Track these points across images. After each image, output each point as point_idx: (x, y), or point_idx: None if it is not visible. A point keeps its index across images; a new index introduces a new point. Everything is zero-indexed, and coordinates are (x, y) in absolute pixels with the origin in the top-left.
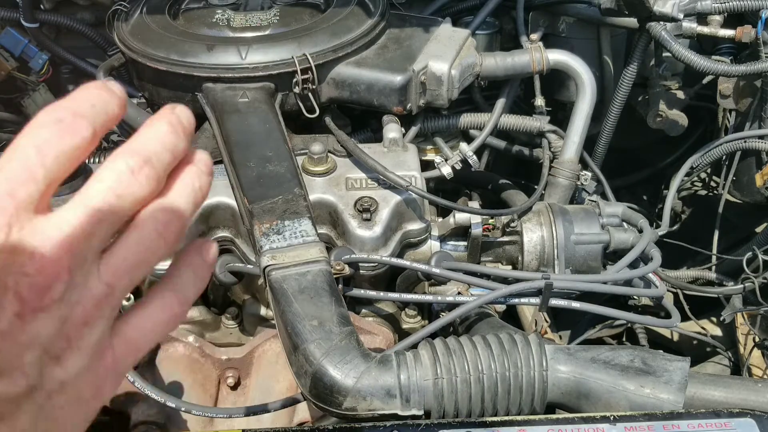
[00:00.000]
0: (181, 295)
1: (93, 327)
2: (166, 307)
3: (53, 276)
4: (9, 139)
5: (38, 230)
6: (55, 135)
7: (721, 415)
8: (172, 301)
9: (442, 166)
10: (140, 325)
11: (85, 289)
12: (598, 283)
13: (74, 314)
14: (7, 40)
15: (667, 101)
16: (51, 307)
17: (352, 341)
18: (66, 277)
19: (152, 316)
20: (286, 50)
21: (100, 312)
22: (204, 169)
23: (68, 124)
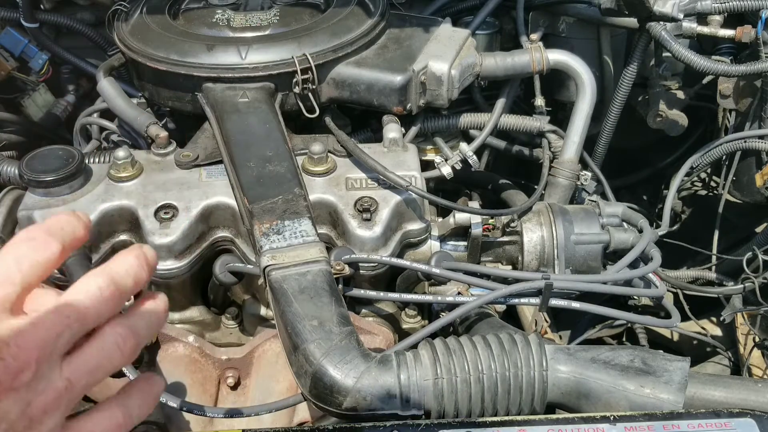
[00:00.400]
0: (127, 413)
1: (51, 415)
2: (113, 419)
3: (24, 363)
4: (9, 139)
5: (14, 325)
6: (30, 249)
7: (721, 415)
8: (118, 414)
9: (442, 166)
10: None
11: (49, 381)
12: (598, 283)
13: (37, 400)
14: (7, 40)
15: (667, 101)
16: (20, 389)
17: (352, 341)
18: (34, 367)
19: (100, 423)
20: (286, 50)
21: (58, 403)
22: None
23: (41, 242)
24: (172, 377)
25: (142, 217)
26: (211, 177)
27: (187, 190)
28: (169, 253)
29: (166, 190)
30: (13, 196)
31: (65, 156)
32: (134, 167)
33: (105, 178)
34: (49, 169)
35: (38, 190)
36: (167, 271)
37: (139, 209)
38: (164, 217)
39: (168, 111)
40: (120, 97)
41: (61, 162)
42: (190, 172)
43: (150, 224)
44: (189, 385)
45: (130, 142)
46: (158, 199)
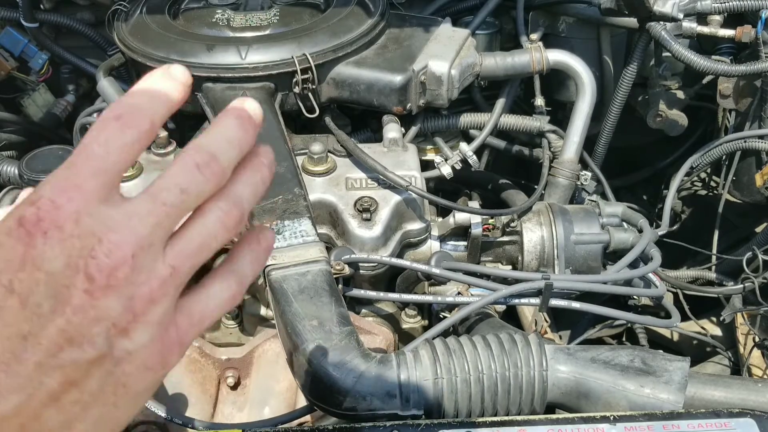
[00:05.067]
0: (240, 277)
1: (158, 304)
2: (226, 287)
3: (119, 259)
4: (9, 139)
5: (106, 218)
6: (116, 131)
7: (721, 415)
8: (231, 281)
9: (442, 166)
10: (203, 303)
11: (152, 271)
12: (598, 283)
13: (140, 292)
14: (7, 40)
15: (667, 101)
16: (117, 286)
17: (352, 341)
18: (130, 261)
19: (214, 295)
20: (286, 50)
21: (164, 291)
22: (266, 162)
23: (127, 120)
24: (172, 377)
25: None
26: None
27: None
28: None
29: None
30: (12, 196)
31: (65, 156)
32: (134, 167)
33: None
34: (49, 169)
35: None
36: None
37: None
38: None
39: None
40: (120, 96)
41: (60, 162)
42: None
43: None
44: (189, 385)
45: None
46: None
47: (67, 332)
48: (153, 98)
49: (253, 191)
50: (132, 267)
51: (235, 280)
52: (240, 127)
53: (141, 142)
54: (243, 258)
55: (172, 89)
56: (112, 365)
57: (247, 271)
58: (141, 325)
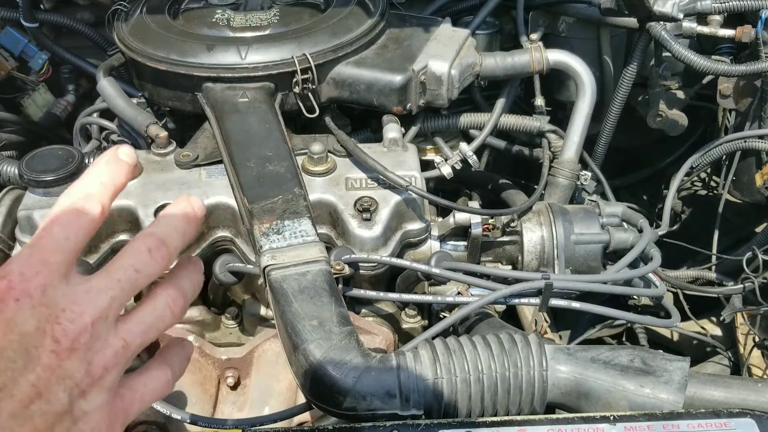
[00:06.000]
0: (173, 370)
1: (111, 372)
2: (162, 375)
3: (80, 326)
4: (9, 139)
5: (68, 291)
6: (72, 215)
7: (721, 415)
8: (167, 371)
9: (442, 166)
10: (143, 383)
11: (106, 341)
12: (598, 283)
13: (97, 359)
14: (7, 40)
15: (667, 101)
16: (79, 350)
17: (351, 341)
18: (90, 329)
19: (153, 379)
20: (286, 50)
21: (116, 360)
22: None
23: (82, 206)
24: None
25: (142, 217)
26: (211, 177)
27: (186, 190)
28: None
29: (166, 189)
30: (13, 196)
31: (65, 156)
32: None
33: None
34: (48, 169)
35: (38, 190)
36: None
37: (139, 209)
38: None
39: (168, 111)
40: (120, 96)
41: (61, 162)
42: (189, 172)
43: (150, 224)
44: (189, 385)
45: (129, 141)
46: (158, 198)
47: (37, 387)
48: (102, 185)
49: (193, 286)
50: (91, 334)
51: (170, 371)
52: (185, 219)
53: (95, 223)
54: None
55: (120, 173)
56: (72, 423)
57: (177, 368)
58: (96, 389)
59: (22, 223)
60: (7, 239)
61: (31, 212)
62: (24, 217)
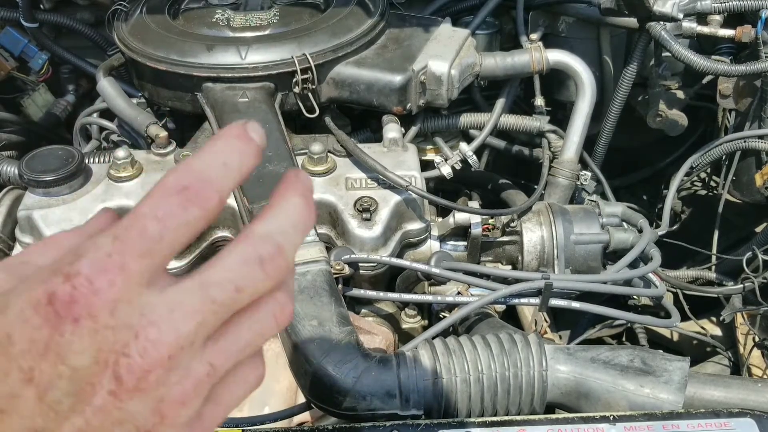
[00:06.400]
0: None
1: (188, 407)
2: (254, 368)
3: (154, 361)
4: (9, 139)
5: (146, 308)
6: (178, 206)
7: (721, 415)
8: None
9: (442, 166)
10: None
11: (188, 370)
12: (598, 283)
13: (171, 394)
14: (6, 40)
15: (667, 101)
16: (147, 389)
17: (351, 341)
18: (166, 363)
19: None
20: (285, 50)
21: (198, 392)
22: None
23: (195, 193)
24: None
25: None
26: None
27: None
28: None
29: None
30: (13, 196)
31: (65, 156)
32: (134, 167)
33: (105, 178)
34: (48, 169)
35: (38, 190)
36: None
37: None
38: None
39: (168, 111)
40: (120, 96)
41: (61, 162)
42: None
43: None
44: None
45: (129, 142)
46: None
47: None
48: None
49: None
50: (167, 369)
51: (260, 360)
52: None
53: (205, 219)
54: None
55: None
56: None
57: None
58: (166, 428)
59: (22, 223)
60: (7, 239)
61: (31, 212)
62: (24, 217)
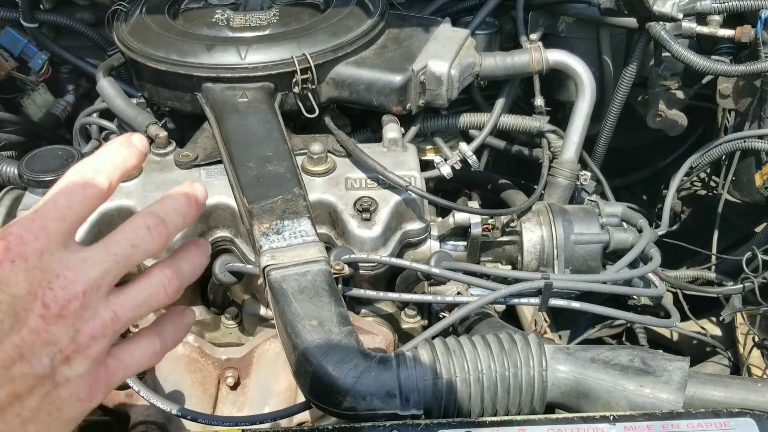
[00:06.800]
0: (163, 340)
1: (98, 342)
2: (151, 345)
3: (71, 294)
4: (9, 139)
5: (64, 258)
6: (80, 185)
7: (721, 415)
8: (156, 341)
9: (441, 166)
10: (130, 353)
11: (97, 311)
12: (598, 283)
13: (85, 328)
14: (6, 40)
15: (667, 101)
16: (68, 317)
17: (351, 341)
18: (81, 297)
19: (140, 349)
20: (285, 50)
21: (104, 331)
22: (206, 252)
23: (90, 178)
24: (172, 377)
25: None
26: (211, 177)
27: None
28: (168, 252)
29: (166, 190)
30: (12, 196)
31: (65, 156)
32: None
33: None
34: (48, 169)
35: (38, 190)
36: None
37: (138, 209)
38: None
39: (168, 111)
40: (119, 97)
41: (60, 162)
42: (189, 172)
43: None
44: (189, 385)
45: None
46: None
47: (20, 349)
48: (112, 162)
49: (192, 270)
50: (82, 303)
51: (159, 342)
52: (187, 202)
53: (100, 197)
54: (168, 326)
55: (131, 156)
56: (52, 387)
57: (169, 339)
58: (81, 357)
59: None
60: None
61: None
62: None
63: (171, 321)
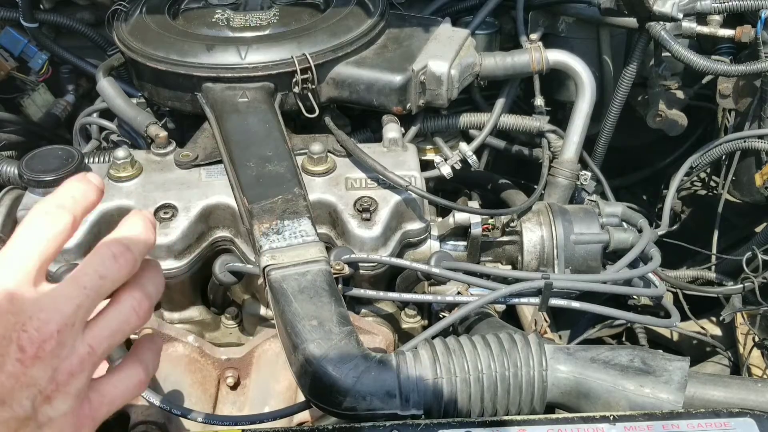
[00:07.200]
0: (145, 367)
1: (77, 378)
2: (134, 374)
3: (46, 334)
4: (9, 139)
5: (36, 300)
6: (44, 225)
7: (721, 415)
8: (139, 370)
9: (441, 166)
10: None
11: (73, 348)
12: (598, 283)
13: (63, 366)
14: (6, 40)
15: (667, 101)
16: (44, 357)
17: (351, 341)
18: (56, 336)
19: (124, 380)
20: (285, 50)
21: (83, 367)
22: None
23: (53, 215)
24: (172, 377)
25: None
26: (211, 177)
27: (186, 190)
28: (168, 252)
29: (166, 190)
30: (12, 195)
31: (65, 156)
32: (134, 167)
33: (104, 178)
34: (48, 169)
35: (38, 190)
36: (167, 271)
37: (138, 209)
38: (164, 217)
39: (168, 111)
40: (119, 96)
41: (60, 162)
42: (189, 172)
43: None
44: (188, 385)
45: (129, 142)
46: (158, 199)
47: (0, 394)
48: (74, 199)
49: (157, 290)
50: (57, 342)
51: (143, 369)
52: (146, 226)
53: (65, 233)
54: (147, 352)
55: (90, 191)
56: (36, 428)
57: (150, 365)
58: (62, 395)
59: None
60: (7, 239)
61: None
62: (24, 217)
63: (147, 347)
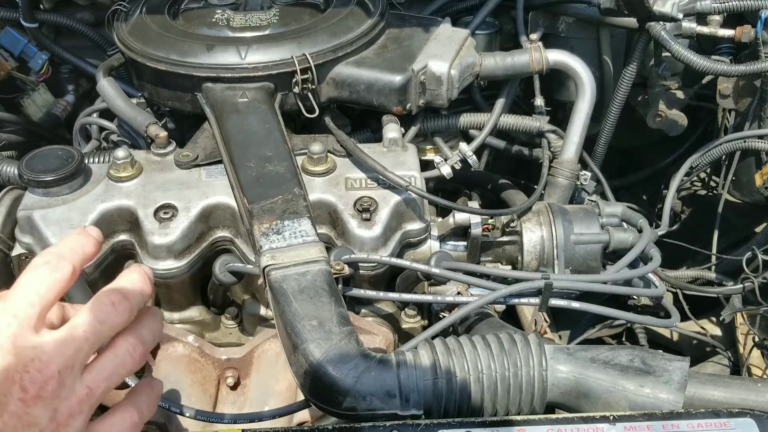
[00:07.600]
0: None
1: (76, 419)
2: (129, 417)
3: (48, 375)
4: (9, 139)
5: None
6: (44, 273)
7: (721, 415)
8: (133, 413)
9: (441, 166)
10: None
11: (72, 389)
12: (598, 283)
13: (63, 407)
14: (6, 40)
15: (667, 101)
16: (46, 398)
17: (351, 341)
18: (57, 378)
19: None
20: (285, 50)
21: (81, 408)
22: (160, 319)
23: (54, 264)
24: (172, 377)
25: (142, 217)
26: (211, 177)
27: (186, 190)
28: (168, 253)
29: (166, 190)
30: (12, 196)
31: (65, 156)
32: (134, 167)
33: (104, 178)
34: (48, 169)
35: (38, 190)
36: (167, 271)
37: (138, 209)
38: (164, 217)
39: (168, 111)
40: (119, 97)
41: (60, 162)
42: (189, 172)
43: (149, 224)
44: (188, 385)
45: (129, 142)
46: (158, 199)
47: None
48: (72, 250)
49: (153, 336)
50: (58, 383)
51: (136, 413)
52: (143, 278)
53: (65, 281)
54: (141, 397)
55: (88, 243)
56: None
57: (144, 409)
58: None
59: (22, 223)
60: (7, 239)
61: (30, 212)
62: (24, 218)
63: (143, 392)
